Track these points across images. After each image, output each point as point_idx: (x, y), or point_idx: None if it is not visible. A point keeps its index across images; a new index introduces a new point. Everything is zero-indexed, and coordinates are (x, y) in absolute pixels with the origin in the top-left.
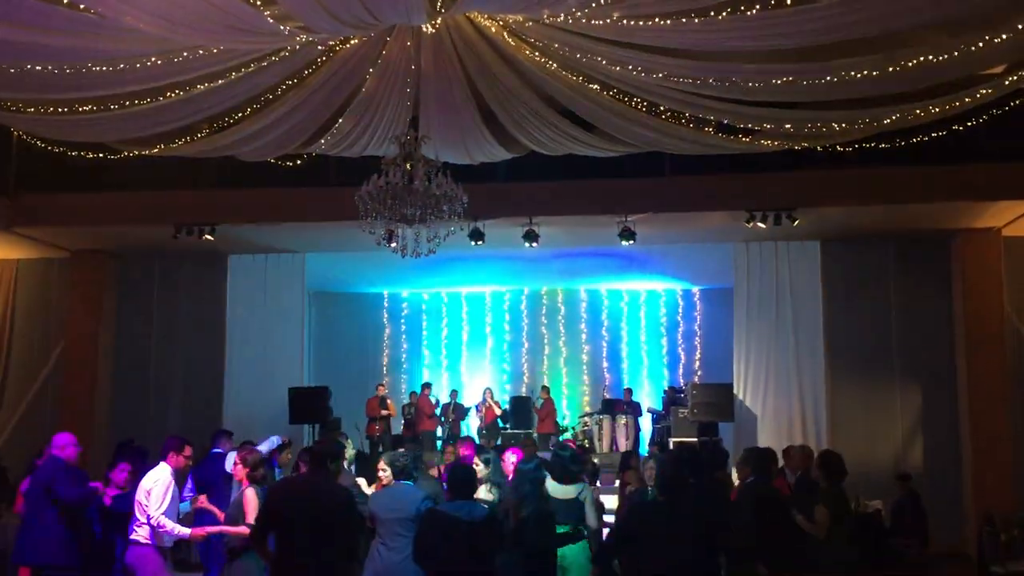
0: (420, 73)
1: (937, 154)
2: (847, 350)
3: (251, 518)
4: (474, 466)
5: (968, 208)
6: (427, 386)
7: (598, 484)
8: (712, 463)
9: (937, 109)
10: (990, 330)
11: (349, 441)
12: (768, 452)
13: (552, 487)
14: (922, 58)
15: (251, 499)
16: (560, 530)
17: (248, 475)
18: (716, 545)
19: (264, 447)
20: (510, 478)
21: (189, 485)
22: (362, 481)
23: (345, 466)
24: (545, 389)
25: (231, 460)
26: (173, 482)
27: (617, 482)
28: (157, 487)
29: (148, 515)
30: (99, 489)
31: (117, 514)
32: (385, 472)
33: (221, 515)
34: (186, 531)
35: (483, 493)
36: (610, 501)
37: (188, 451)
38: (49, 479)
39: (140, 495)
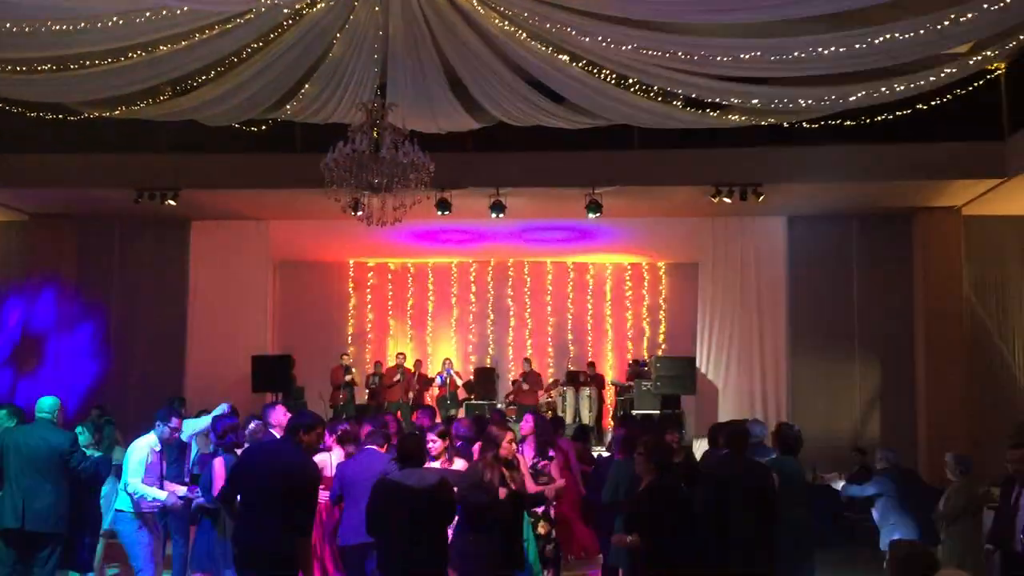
0: (388, 39)
1: (900, 133)
2: (809, 325)
3: (218, 485)
4: (430, 441)
5: (929, 187)
6: (401, 355)
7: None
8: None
9: (902, 88)
10: (948, 307)
11: None
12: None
13: None
14: (888, 36)
15: (217, 467)
16: None
17: (218, 443)
18: None
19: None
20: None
21: None
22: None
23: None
24: (528, 360)
25: (188, 428)
26: (154, 451)
27: None
28: (132, 456)
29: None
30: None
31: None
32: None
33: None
34: (162, 494)
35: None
36: None
37: (175, 423)
38: (68, 448)
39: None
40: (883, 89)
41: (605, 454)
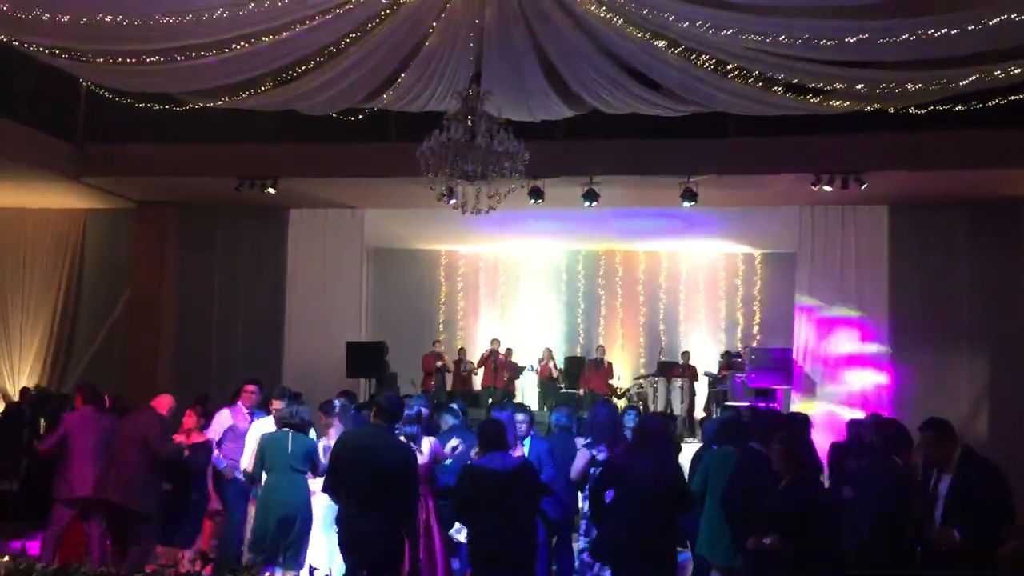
0: (484, 28)
1: (1013, 118)
2: (912, 317)
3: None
4: None
5: None
6: (496, 341)
7: None
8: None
9: (1018, 71)
10: None
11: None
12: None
13: None
14: (1004, 16)
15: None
16: None
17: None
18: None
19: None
20: None
21: None
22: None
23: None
24: (600, 348)
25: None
26: (235, 424)
27: None
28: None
29: None
30: (181, 445)
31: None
32: None
33: None
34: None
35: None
36: None
37: (250, 388)
38: (147, 428)
39: None
40: (997, 73)
41: (698, 445)
